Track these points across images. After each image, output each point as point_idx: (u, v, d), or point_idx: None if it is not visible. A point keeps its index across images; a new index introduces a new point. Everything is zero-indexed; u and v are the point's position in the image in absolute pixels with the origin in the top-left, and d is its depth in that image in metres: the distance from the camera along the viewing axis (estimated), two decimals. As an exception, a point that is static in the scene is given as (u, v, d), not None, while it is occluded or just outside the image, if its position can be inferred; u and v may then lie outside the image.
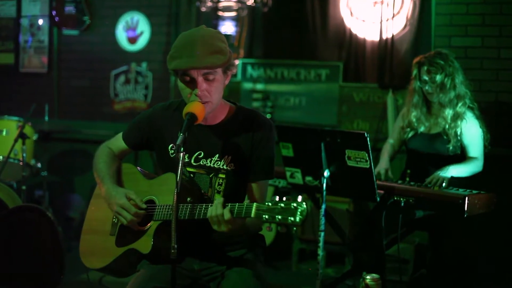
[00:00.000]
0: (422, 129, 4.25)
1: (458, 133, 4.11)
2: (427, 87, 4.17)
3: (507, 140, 5.12)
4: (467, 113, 4.14)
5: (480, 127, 4.15)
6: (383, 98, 5.65)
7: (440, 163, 4.10)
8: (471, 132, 4.12)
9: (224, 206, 2.37)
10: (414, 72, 4.23)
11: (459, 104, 4.12)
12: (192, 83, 2.54)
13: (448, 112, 4.13)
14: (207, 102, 2.55)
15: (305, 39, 5.99)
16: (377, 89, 5.73)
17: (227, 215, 2.34)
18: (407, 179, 4.03)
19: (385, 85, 5.64)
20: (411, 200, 3.74)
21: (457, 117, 4.11)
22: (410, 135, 4.31)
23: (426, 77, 4.15)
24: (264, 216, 2.23)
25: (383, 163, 4.30)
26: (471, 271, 4.71)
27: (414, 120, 4.27)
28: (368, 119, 5.77)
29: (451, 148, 4.12)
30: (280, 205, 2.22)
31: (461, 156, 4.16)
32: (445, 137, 4.13)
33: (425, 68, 4.14)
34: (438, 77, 4.11)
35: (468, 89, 4.20)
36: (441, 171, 3.94)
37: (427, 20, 5.47)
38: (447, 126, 4.12)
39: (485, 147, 4.17)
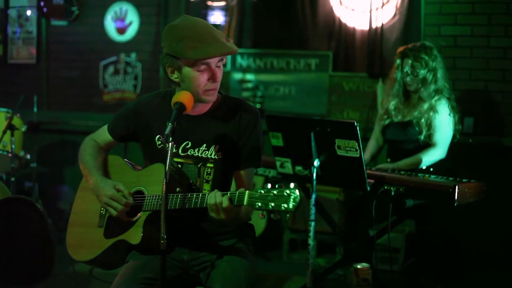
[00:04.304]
0: (399, 118, 4.27)
1: (431, 123, 4.13)
2: (408, 79, 4.19)
3: (496, 129, 5.13)
4: (441, 100, 4.16)
5: (450, 115, 4.16)
6: (373, 87, 5.65)
7: (415, 150, 4.12)
8: (439, 118, 4.14)
9: (223, 194, 2.36)
10: (397, 62, 4.25)
11: (436, 97, 4.15)
12: (206, 72, 2.54)
13: (425, 105, 4.14)
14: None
15: (295, 29, 5.96)
16: (366, 78, 5.71)
17: (225, 202, 2.34)
18: None
19: (375, 74, 5.63)
20: (401, 189, 3.74)
21: (431, 108, 4.13)
22: (386, 122, 4.35)
23: (409, 70, 4.17)
24: (257, 203, 2.23)
25: None
26: (460, 259, 4.73)
27: (392, 108, 4.32)
28: (358, 109, 5.76)
29: (422, 138, 4.14)
30: (273, 192, 2.22)
31: None
32: (417, 128, 4.14)
33: (409, 61, 4.16)
34: (422, 72, 4.12)
35: (447, 82, 4.24)
36: (392, 164, 3.98)
37: (417, 9, 5.45)
38: (416, 119, 4.13)
39: (453, 136, 4.18)
